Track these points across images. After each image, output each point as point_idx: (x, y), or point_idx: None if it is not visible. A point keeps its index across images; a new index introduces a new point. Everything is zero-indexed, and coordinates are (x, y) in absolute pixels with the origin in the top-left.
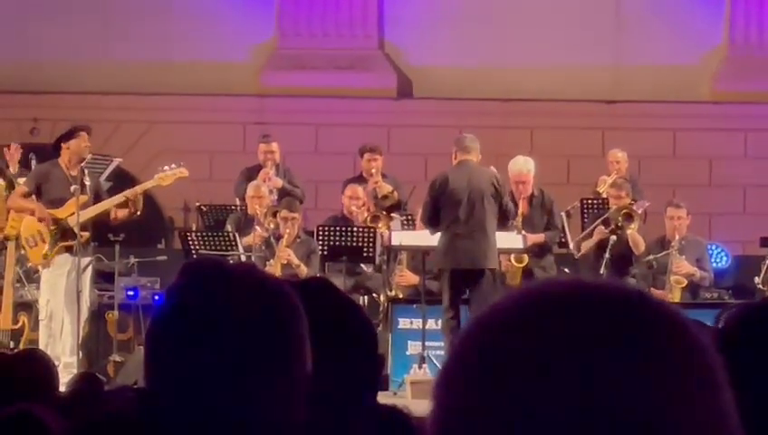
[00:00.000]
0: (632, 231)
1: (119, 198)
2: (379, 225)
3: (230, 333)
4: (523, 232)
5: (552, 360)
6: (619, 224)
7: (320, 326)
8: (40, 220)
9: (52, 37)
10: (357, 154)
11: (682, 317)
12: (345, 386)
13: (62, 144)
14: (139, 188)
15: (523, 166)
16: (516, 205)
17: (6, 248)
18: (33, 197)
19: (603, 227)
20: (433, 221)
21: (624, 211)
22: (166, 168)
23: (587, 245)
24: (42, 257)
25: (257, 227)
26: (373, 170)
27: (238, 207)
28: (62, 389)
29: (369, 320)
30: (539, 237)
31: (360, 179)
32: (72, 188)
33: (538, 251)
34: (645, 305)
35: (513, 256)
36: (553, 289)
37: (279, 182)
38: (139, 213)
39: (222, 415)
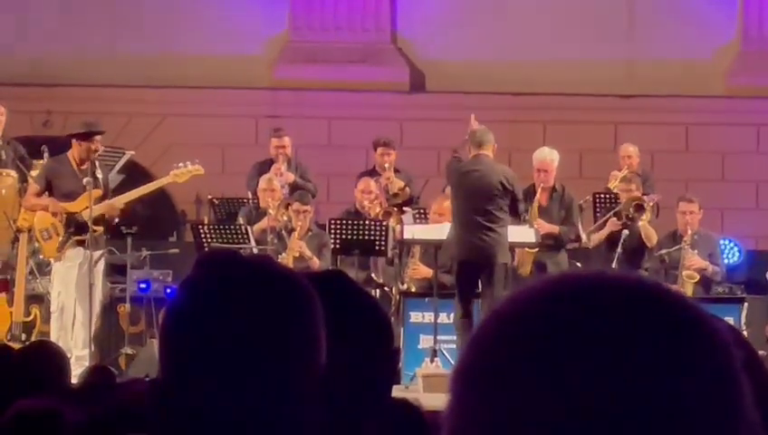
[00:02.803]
0: (644, 223)
1: (133, 194)
2: (391, 220)
3: (246, 324)
4: (539, 219)
5: (570, 352)
6: (630, 215)
7: (335, 319)
8: (54, 215)
9: (64, 30)
10: (370, 147)
11: (701, 310)
12: (360, 380)
13: (74, 140)
14: (153, 185)
15: (548, 155)
16: (535, 194)
17: (19, 241)
18: (46, 193)
19: (616, 220)
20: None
21: (635, 202)
22: (181, 165)
23: (599, 236)
24: (55, 251)
25: (270, 208)
26: (386, 165)
27: (250, 201)
28: (73, 381)
29: (385, 313)
30: (553, 228)
31: (374, 173)
32: (85, 181)
33: (552, 245)
34: (663, 298)
35: None
36: (572, 281)
37: (291, 177)
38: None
39: (237, 407)
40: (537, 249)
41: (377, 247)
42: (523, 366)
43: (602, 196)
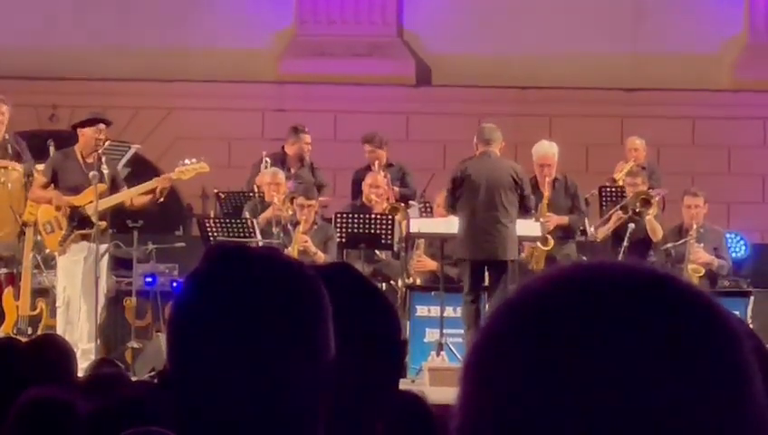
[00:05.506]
0: (650, 217)
1: (146, 186)
2: (397, 215)
3: (254, 317)
4: (548, 213)
5: (583, 341)
6: (637, 210)
7: (343, 311)
8: (57, 209)
9: (71, 24)
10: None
11: (712, 299)
12: (367, 372)
13: (78, 130)
14: (162, 180)
15: (548, 149)
16: (539, 188)
17: (25, 234)
18: (51, 185)
19: (621, 213)
20: (450, 210)
21: (642, 197)
22: (186, 161)
23: (605, 230)
24: (58, 244)
25: (275, 201)
26: (375, 164)
27: (256, 195)
28: (80, 375)
29: (392, 306)
30: (562, 219)
31: (369, 169)
32: (91, 174)
33: (561, 236)
34: (676, 287)
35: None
36: (584, 271)
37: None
38: (161, 200)
39: (246, 400)
40: (551, 246)
41: (383, 241)
42: (534, 357)
43: (608, 189)
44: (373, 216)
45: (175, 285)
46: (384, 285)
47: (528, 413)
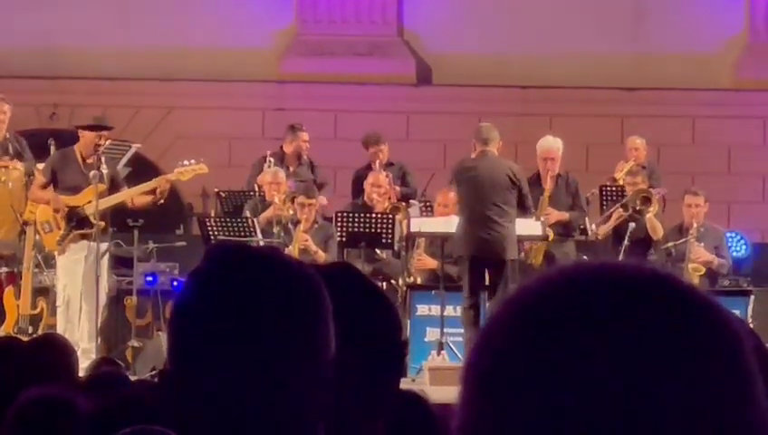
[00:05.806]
0: (651, 215)
1: (145, 187)
2: (398, 216)
3: (254, 317)
4: (549, 208)
5: (583, 342)
6: (637, 208)
7: (343, 311)
8: (55, 211)
9: (71, 23)
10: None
11: (713, 299)
12: (368, 372)
13: (79, 130)
14: (161, 181)
15: (553, 143)
16: (541, 183)
17: (25, 233)
18: (51, 185)
19: (622, 211)
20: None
21: (642, 194)
22: (185, 162)
23: (606, 228)
24: (56, 243)
25: (276, 200)
26: (377, 162)
27: (256, 194)
28: (80, 374)
29: (393, 305)
30: (563, 215)
31: (370, 169)
32: (91, 174)
33: (561, 233)
34: (677, 287)
35: None
36: (585, 271)
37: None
38: (162, 201)
39: (246, 400)
40: (551, 238)
41: (383, 240)
42: (534, 357)
43: (609, 188)
44: (373, 215)
45: (175, 283)
46: (384, 284)
47: (528, 413)
